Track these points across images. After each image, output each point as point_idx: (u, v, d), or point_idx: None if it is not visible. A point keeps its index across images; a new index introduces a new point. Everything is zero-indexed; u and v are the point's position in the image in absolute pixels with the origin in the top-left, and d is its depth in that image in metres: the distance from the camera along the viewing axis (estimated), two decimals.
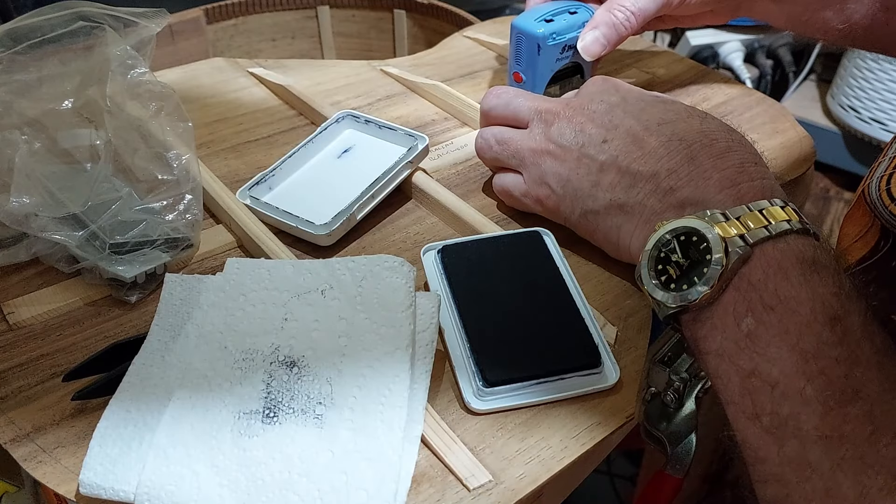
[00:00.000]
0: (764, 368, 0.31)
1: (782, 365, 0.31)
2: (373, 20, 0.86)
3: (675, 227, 0.36)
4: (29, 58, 0.48)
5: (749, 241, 0.33)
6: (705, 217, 0.35)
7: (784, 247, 0.33)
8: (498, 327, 0.40)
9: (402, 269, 0.40)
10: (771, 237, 0.33)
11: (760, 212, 0.34)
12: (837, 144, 1.26)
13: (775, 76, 1.32)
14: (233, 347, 0.38)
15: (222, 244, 0.48)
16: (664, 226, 0.36)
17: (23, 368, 0.39)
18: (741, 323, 0.32)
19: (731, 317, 0.33)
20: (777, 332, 0.31)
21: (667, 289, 0.35)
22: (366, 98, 0.65)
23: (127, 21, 0.49)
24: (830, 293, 0.32)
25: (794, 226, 0.34)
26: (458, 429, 0.37)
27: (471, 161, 0.56)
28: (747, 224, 0.34)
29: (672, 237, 0.36)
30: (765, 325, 0.32)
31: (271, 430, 0.34)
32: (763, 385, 0.31)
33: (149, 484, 0.32)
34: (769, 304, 0.32)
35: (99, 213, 0.43)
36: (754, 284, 0.33)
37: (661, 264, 0.36)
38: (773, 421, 0.30)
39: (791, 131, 0.61)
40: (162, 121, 0.48)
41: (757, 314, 0.32)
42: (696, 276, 0.34)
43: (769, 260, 0.33)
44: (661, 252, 0.36)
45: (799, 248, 0.33)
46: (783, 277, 0.32)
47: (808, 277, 0.32)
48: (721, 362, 0.33)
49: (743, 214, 0.34)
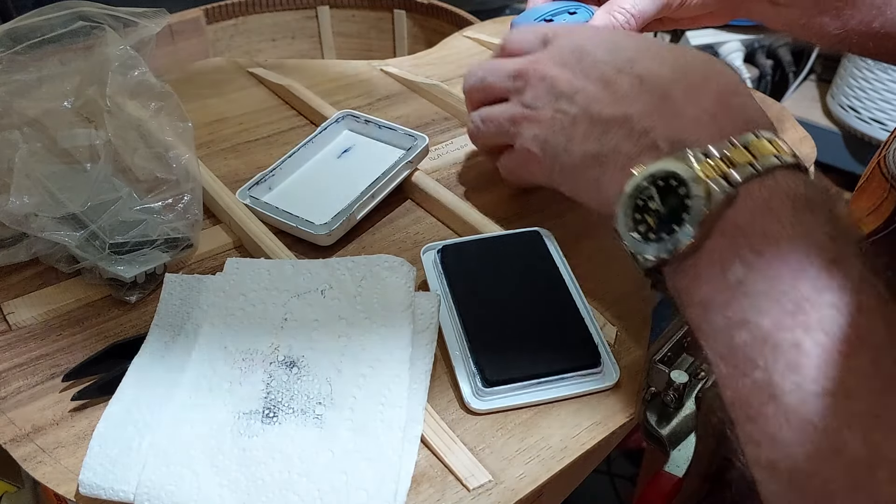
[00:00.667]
0: (755, 319, 0.28)
1: (775, 315, 0.28)
2: (373, 20, 0.86)
3: (652, 171, 0.33)
4: (29, 58, 0.48)
5: (733, 180, 0.30)
6: (684, 158, 0.31)
7: (772, 184, 0.30)
8: (498, 327, 0.40)
9: (401, 269, 0.40)
10: (758, 175, 0.30)
11: (745, 147, 0.31)
12: (837, 144, 1.26)
13: (775, 76, 1.32)
14: (232, 347, 0.38)
15: (222, 244, 0.48)
16: (640, 171, 0.33)
17: (23, 368, 0.39)
18: (728, 271, 0.29)
19: (717, 265, 0.30)
20: (768, 279, 0.28)
21: (646, 239, 0.33)
22: (366, 98, 0.65)
23: (127, 21, 0.49)
24: (825, 234, 0.29)
25: (784, 160, 0.31)
26: (458, 429, 0.37)
27: (471, 161, 0.56)
28: (730, 161, 0.31)
29: (649, 183, 0.33)
30: (754, 272, 0.29)
31: (271, 430, 0.34)
32: (754, 338, 0.28)
33: (149, 484, 0.32)
34: (758, 248, 0.29)
35: (99, 213, 0.43)
36: (741, 227, 0.30)
37: (639, 213, 0.33)
38: (767, 376, 0.27)
39: (791, 131, 0.61)
40: (162, 121, 0.48)
41: (745, 261, 0.29)
42: (677, 224, 0.31)
43: (756, 200, 0.30)
44: (638, 200, 0.33)
45: (789, 184, 0.30)
46: (773, 218, 0.29)
47: (801, 217, 0.29)
48: (707, 314, 0.30)
49: (725, 151, 0.31)
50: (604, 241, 0.48)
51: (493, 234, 0.47)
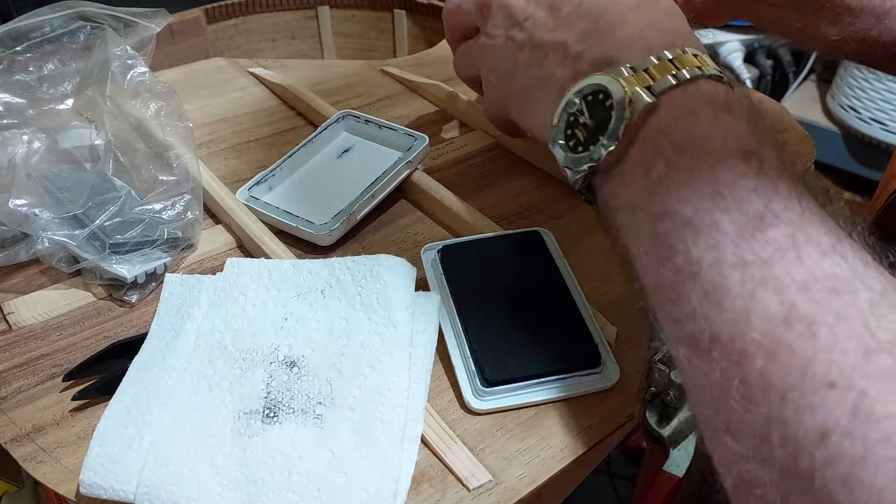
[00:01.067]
0: (676, 209, 0.29)
1: (695, 202, 0.29)
2: (373, 20, 0.86)
3: (581, 86, 0.34)
4: (29, 58, 0.48)
5: (655, 89, 0.32)
6: (610, 73, 0.33)
7: (694, 90, 0.32)
8: (497, 327, 0.40)
9: (402, 268, 0.40)
10: (679, 84, 0.32)
11: (670, 61, 0.33)
12: (837, 144, 1.26)
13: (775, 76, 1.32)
14: (233, 347, 0.38)
15: (222, 244, 0.48)
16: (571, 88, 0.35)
17: (23, 368, 0.39)
18: (652, 171, 0.31)
19: (641, 168, 0.31)
20: (689, 172, 0.30)
21: (574, 152, 0.34)
22: (366, 98, 0.65)
23: (127, 21, 0.49)
24: (744, 130, 0.30)
25: (706, 71, 0.32)
26: (458, 428, 0.37)
27: (471, 161, 0.56)
28: (654, 74, 0.32)
29: (579, 98, 0.34)
30: (676, 167, 0.30)
31: (271, 430, 0.34)
32: (675, 226, 0.29)
33: (149, 484, 0.32)
34: (679, 146, 0.30)
35: (99, 213, 0.44)
36: (663, 131, 0.31)
37: (570, 129, 0.35)
38: (688, 258, 0.28)
39: (791, 131, 0.61)
40: (162, 121, 0.48)
41: (667, 159, 0.30)
42: (601, 134, 0.33)
43: (678, 105, 0.31)
44: (569, 117, 0.35)
45: (710, 91, 0.32)
46: (693, 119, 0.31)
47: (720, 117, 0.31)
48: (632, 214, 0.31)
49: (650, 65, 0.33)
50: (604, 241, 0.48)
51: (493, 234, 0.47)
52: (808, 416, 0.23)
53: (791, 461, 0.23)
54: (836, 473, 0.22)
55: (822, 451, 0.22)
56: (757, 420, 0.25)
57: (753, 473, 0.25)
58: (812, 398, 0.23)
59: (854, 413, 0.22)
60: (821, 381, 0.23)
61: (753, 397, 0.25)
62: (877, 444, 0.22)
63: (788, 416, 0.24)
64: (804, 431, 0.23)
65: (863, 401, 0.22)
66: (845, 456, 0.22)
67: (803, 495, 0.23)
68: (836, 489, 0.22)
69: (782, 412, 0.24)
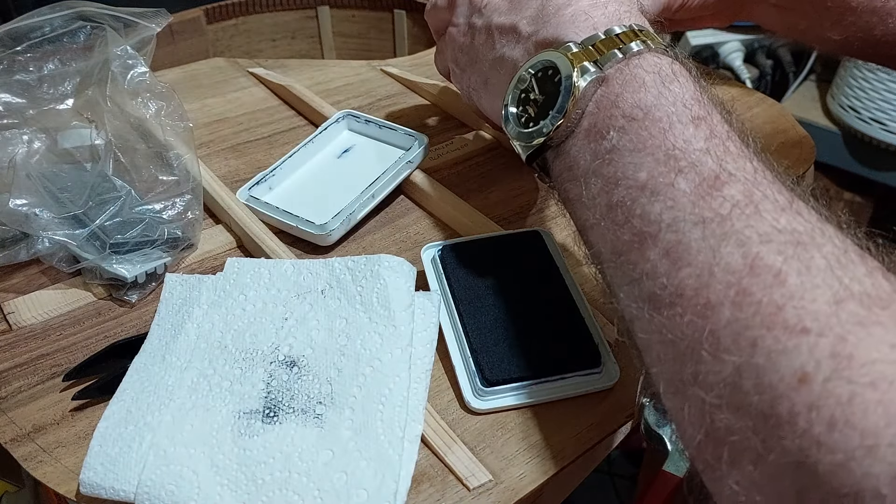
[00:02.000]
0: (631, 174, 0.30)
1: (650, 166, 0.29)
2: (373, 20, 0.86)
3: (531, 63, 0.36)
4: (29, 58, 0.48)
5: (602, 63, 0.33)
6: (558, 49, 0.35)
7: (639, 62, 0.33)
8: (497, 327, 0.40)
9: (402, 268, 0.40)
10: (625, 57, 0.33)
11: (617, 36, 0.34)
12: (837, 144, 1.26)
13: (775, 76, 1.32)
14: (233, 347, 0.38)
15: (222, 244, 0.48)
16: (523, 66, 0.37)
17: (23, 368, 0.39)
18: (603, 140, 0.32)
19: (594, 137, 0.32)
20: (641, 138, 0.30)
21: (526, 127, 0.35)
22: (366, 98, 0.65)
23: (127, 21, 0.49)
24: (692, 97, 0.31)
25: (652, 45, 0.33)
26: (458, 428, 0.37)
27: (471, 161, 0.56)
28: (601, 49, 0.34)
29: (529, 75, 0.36)
30: (628, 134, 0.31)
31: (271, 430, 0.34)
32: (631, 190, 0.30)
33: (149, 483, 0.32)
34: (630, 114, 0.31)
35: (99, 213, 0.44)
36: (613, 101, 0.32)
37: (522, 105, 0.36)
38: (645, 220, 0.29)
39: (791, 131, 0.61)
40: (162, 121, 0.48)
41: (619, 127, 0.31)
42: (551, 108, 0.34)
43: (626, 77, 0.33)
44: (521, 93, 0.36)
45: (655, 63, 0.33)
46: (642, 89, 0.32)
47: (668, 86, 0.32)
48: (586, 184, 0.32)
49: (596, 41, 0.34)
50: None
51: (493, 234, 0.47)
52: (784, 360, 0.23)
53: (768, 407, 0.23)
54: (821, 416, 0.22)
55: (803, 395, 0.22)
56: (727, 369, 0.25)
57: (727, 422, 0.25)
58: (786, 343, 0.23)
59: (834, 356, 0.22)
60: (793, 327, 0.23)
61: (723, 346, 0.25)
62: (864, 387, 0.22)
63: (760, 362, 0.24)
64: (780, 376, 0.23)
65: (841, 346, 0.22)
66: (830, 398, 0.22)
67: (785, 439, 0.23)
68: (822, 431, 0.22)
69: (754, 359, 0.24)
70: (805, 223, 0.26)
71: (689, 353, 0.26)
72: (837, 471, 0.21)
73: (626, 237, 0.30)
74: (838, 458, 0.21)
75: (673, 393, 0.27)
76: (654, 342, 0.28)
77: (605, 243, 0.31)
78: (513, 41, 0.40)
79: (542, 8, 0.39)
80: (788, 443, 0.23)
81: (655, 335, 0.28)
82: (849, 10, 0.50)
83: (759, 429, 0.24)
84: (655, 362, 0.29)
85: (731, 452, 0.25)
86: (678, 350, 0.27)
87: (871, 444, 0.21)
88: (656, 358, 0.28)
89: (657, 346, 0.28)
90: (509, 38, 0.40)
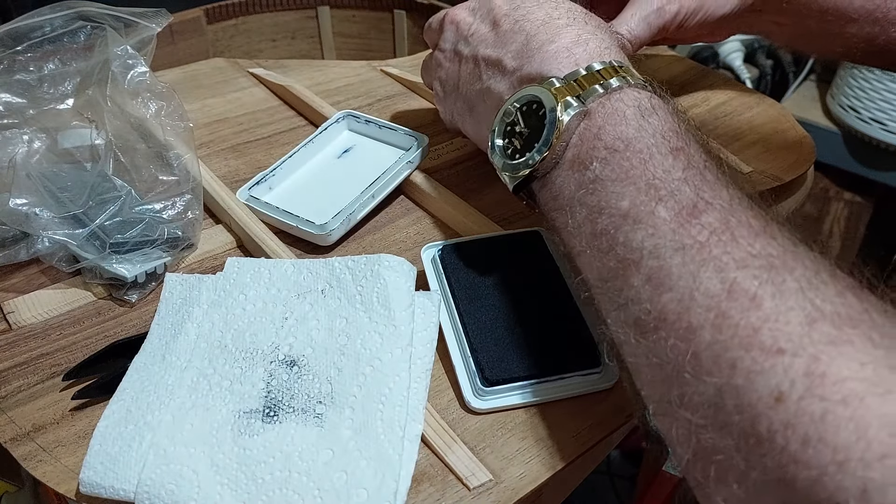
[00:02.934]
0: (614, 203, 0.31)
1: (632, 195, 0.31)
2: (373, 20, 0.86)
3: (517, 97, 0.38)
4: (29, 58, 0.48)
5: (584, 98, 0.35)
6: (542, 84, 0.36)
7: (621, 96, 0.35)
8: (498, 327, 0.40)
9: (402, 268, 0.40)
10: (606, 92, 0.35)
11: (598, 72, 0.36)
12: (837, 144, 1.26)
13: (775, 76, 1.32)
14: (233, 346, 0.38)
15: (222, 244, 0.48)
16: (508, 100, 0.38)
17: (23, 368, 0.39)
18: (587, 171, 0.33)
19: (577, 169, 0.34)
20: (623, 168, 0.32)
21: (512, 159, 0.37)
22: (366, 98, 0.65)
23: (127, 21, 0.49)
24: (670, 129, 0.33)
25: (631, 81, 0.35)
26: (458, 428, 0.37)
27: (471, 161, 0.56)
28: (583, 84, 0.35)
29: (515, 109, 0.38)
30: (610, 165, 0.32)
31: (271, 429, 0.34)
32: (614, 218, 0.31)
33: (149, 483, 0.32)
34: (612, 146, 0.33)
35: (99, 213, 0.44)
36: (596, 134, 0.34)
37: (508, 138, 0.38)
38: (628, 248, 0.30)
39: (791, 131, 0.61)
40: (162, 121, 0.48)
41: (601, 158, 0.33)
42: (536, 141, 0.35)
43: (607, 111, 0.34)
44: (506, 127, 0.38)
45: (635, 98, 0.35)
46: (623, 122, 0.33)
47: (648, 119, 0.33)
48: (571, 213, 0.33)
49: (578, 77, 0.36)
50: None
51: (493, 234, 0.47)
52: (761, 380, 0.24)
53: (748, 426, 0.24)
54: (796, 434, 0.23)
55: (780, 414, 0.23)
56: (710, 390, 0.25)
57: (712, 441, 0.25)
58: (762, 364, 0.24)
59: (807, 375, 0.23)
60: (769, 349, 0.24)
61: (705, 368, 0.26)
62: (835, 404, 0.22)
63: (740, 382, 0.24)
64: (758, 396, 0.24)
65: (815, 365, 0.23)
66: (804, 416, 0.23)
67: (765, 457, 0.23)
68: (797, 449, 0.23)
69: (733, 380, 0.25)
70: (778, 247, 0.27)
71: (674, 375, 0.27)
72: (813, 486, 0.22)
73: (611, 264, 0.31)
74: (813, 474, 0.22)
75: (662, 414, 0.28)
76: (641, 365, 0.29)
77: (592, 270, 0.32)
78: (498, 74, 0.42)
79: (526, 43, 0.40)
80: (768, 460, 0.23)
81: (642, 359, 0.29)
82: (850, 22, 0.51)
83: (741, 447, 0.24)
84: (644, 385, 0.29)
85: (717, 471, 0.25)
86: (664, 373, 0.27)
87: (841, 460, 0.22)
88: (645, 381, 0.29)
89: (644, 370, 0.29)
90: (495, 71, 0.42)
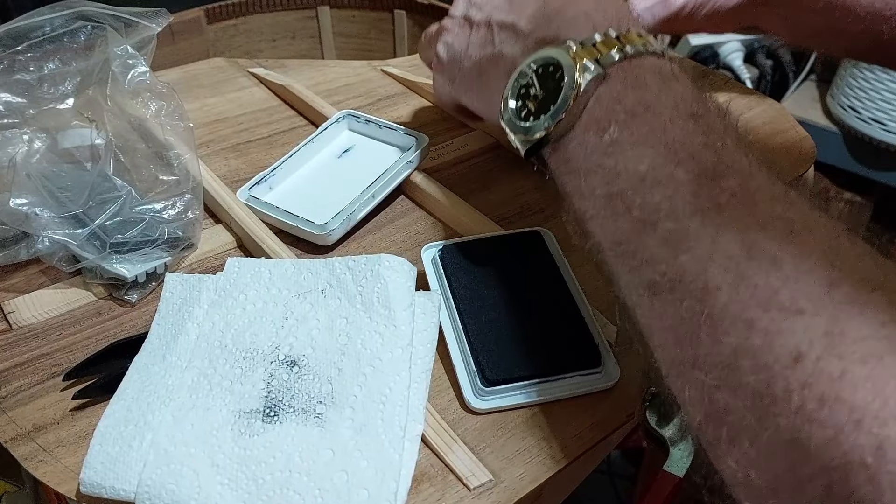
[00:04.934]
0: (631, 166, 0.31)
1: (650, 158, 0.30)
2: (373, 20, 0.86)
3: (533, 58, 0.36)
4: (29, 58, 0.48)
5: (603, 61, 0.34)
6: (560, 46, 0.35)
7: (640, 62, 0.34)
8: (498, 327, 0.40)
9: (402, 268, 0.40)
10: (625, 57, 0.34)
11: (616, 38, 0.35)
12: (837, 144, 1.26)
13: (775, 76, 1.32)
14: (233, 346, 0.38)
15: (222, 244, 0.48)
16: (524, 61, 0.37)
17: (23, 368, 0.39)
18: (605, 134, 0.32)
19: (595, 131, 0.33)
20: (641, 132, 0.31)
21: (525, 121, 0.36)
22: (366, 98, 0.65)
23: (127, 21, 0.49)
24: (690, 96, 0.32)
25: (650, 49, 0.34)
26: (459, 428, 0.37)
27: (471, 161, 0.56)
28: (601, 49, 0.34)
29: (530, 71, 0.36)
30: (629, 128, 0.32)
31: (272, 429, 0.34)
32: (631, 181, 0.30)
33: (149, 483, 0.32)
34: (631, 110, 0.32)
35: (99, 213, 0.44)
36: (615, 97, 0.33)
37: (522, 100, 0.37)
38: (645, 209, 0.30)
39: (791, 131, 0.61)
40: (162, 121, 0.48)
41: (620, 121, 0.32)
42: (552, 103, 0.34)
43: (626, 75, 0.33)
44: (521, 89, 0.37)
45: (655, 63, 0.34)
46: (642, 87, 0.33)
47: (668, 84, 0.33)
48: (586, 176, 0.33)
49: (596, 41, 0.35)
50: None
51: (493, 234, 0.47)
52: (779, 341, 0.24)
53: (764, 386, 0.24)
54: (813, 393, 0.23)
55: (797, 373, 0.23)
56: (725, 350, 0.25)
57: (725, 401, 0.25)
58: (781, 324, 0.24)
59: (827, 335, 0.23)
60: (788, 309, 0.24)
61: (721, 329, 0.26)
62: (854, 363, 0.22)
63: (757, 343, 0.24)
64: (775, 357, 0.24)
65: (833, 325, 0.23)
66: (822, 375, 0.23)
67: (779, 417, 0.23)
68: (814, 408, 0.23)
69: (750, 341, 0.25)
70: (797, 212, 0.27)
71: (688, 336, 0.27)
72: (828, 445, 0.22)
73: (626, 226, 0.30)
74: (829, 433, 0.22)
75: (675, 376, 0.28)
76: (654, 328, 0.29)
77: (605, 233, 0.32)
78: (512, 38, 0.40)
79: (542, 8, 0.39)
80: (783, 420, 0.23)
81: (656, 321, 0.29)
82: (856, 19, 0.51)
83: (755, 407, 0.24)
84: (657, 347, 0.29)
85: (729, 431, 0.25)
86: (678, 334, 0.27)
87: (858, 418, 0.22)
88: (658, 343, 0.29)
89: (658, 332, 0.29)
90: (509, 34, 0.41)
